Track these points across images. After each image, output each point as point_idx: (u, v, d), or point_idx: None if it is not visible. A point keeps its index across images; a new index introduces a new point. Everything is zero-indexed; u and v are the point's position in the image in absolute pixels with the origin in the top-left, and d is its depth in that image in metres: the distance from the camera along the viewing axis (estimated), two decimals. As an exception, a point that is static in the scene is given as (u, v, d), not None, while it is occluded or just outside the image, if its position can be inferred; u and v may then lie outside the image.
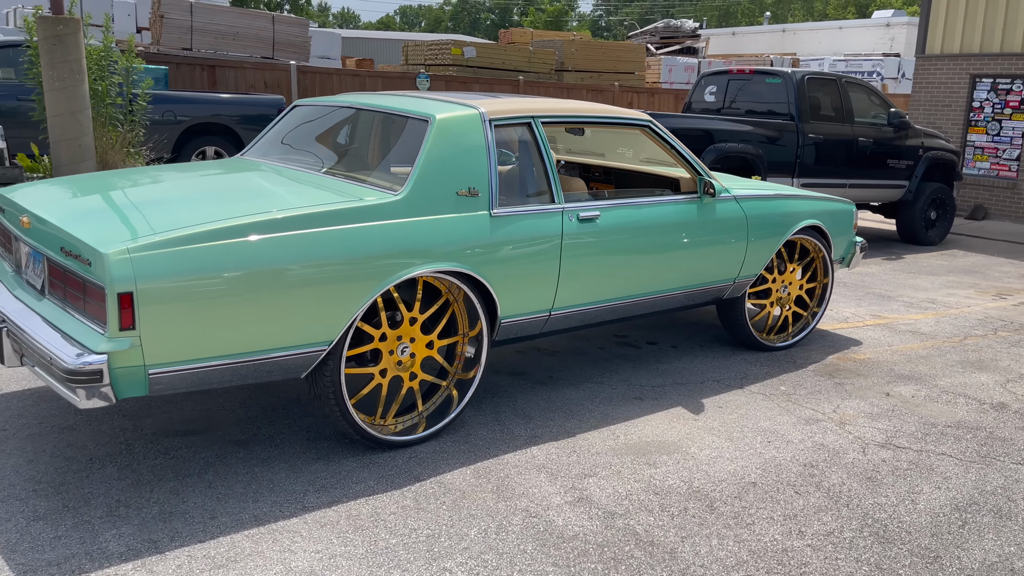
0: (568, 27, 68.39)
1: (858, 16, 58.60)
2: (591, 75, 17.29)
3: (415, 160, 3.64)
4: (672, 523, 3.16)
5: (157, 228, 2.98)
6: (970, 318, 6.63)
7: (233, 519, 3.03)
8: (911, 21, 31.87)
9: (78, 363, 2.77)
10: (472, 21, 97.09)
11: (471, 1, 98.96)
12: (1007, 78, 11.83)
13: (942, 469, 3.76)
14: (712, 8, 65.26)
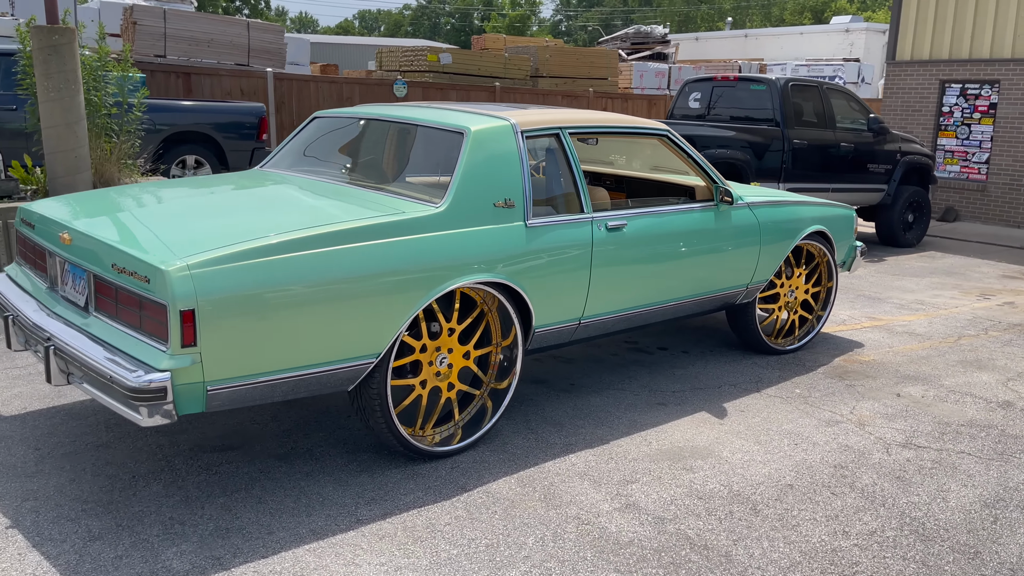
0: (530, 32, 68.65)
1: (815, 22, 59.73)
2: (565, 81, 17.41)
3: (453, 172, 3.66)
4: (721, 527, 3.23)
5: (212, 244, 2.97)
6: (960, 319, 6.82)
7: (291, 534, 3.03)
8: (870, 27, 32.60)
9: (142, 381, 2.75)
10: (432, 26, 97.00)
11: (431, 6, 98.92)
12: (976, 83, 12.18)
13: (965, 467, 3.88)
14: (672, 13, 65.98)
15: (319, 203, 3.58)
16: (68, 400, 4.18)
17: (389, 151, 4.22)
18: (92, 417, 3.98)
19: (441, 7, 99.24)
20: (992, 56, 11.94)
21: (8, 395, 4.21)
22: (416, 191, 3.72)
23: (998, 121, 12.00)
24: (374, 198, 3.66)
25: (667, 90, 20.10)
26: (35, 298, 3.57)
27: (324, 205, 3.53)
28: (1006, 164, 12.01)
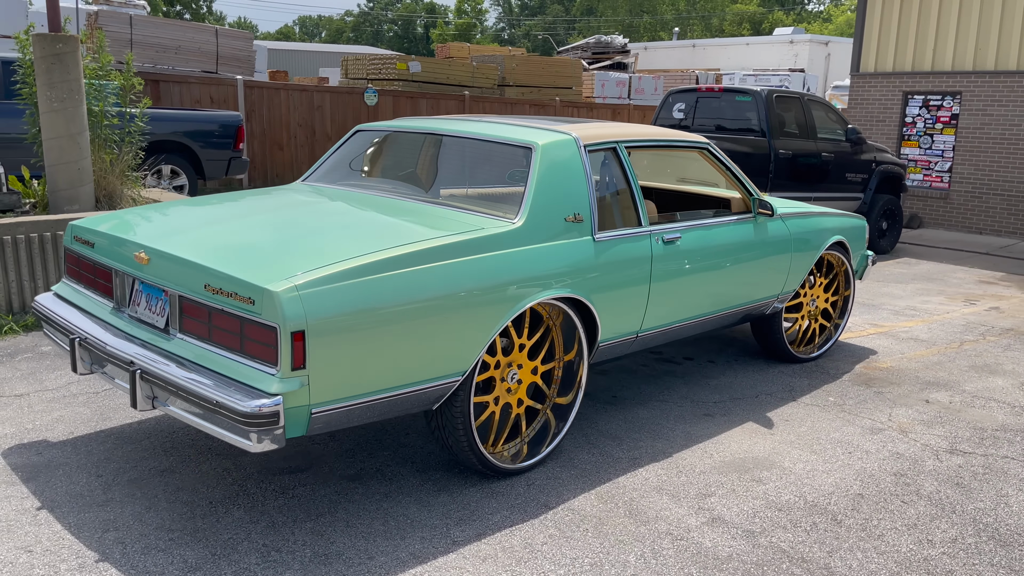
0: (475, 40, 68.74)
1: (753, 33, 61.15)
2: (531, 90, 17.48)
3: (524, 187, 3.65)
4: (809, 538, 3.27)
5: (312, 264, 2.90)
6: (955, 324, 7.04)
7: (391, 558, 2.98)
8: (813, 39, 33.52)
9: (254, 406, 2.67)
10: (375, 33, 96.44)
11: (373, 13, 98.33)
12: (938, 95, 12.61)
13: (1015, 472, 4.01)
14: (616, 23, 66.79)
15: (397, 220, 3.53)
16: (114, 423, 4.03)
17: (451, 166, 4.18)
18: (145, 441, 3.85)
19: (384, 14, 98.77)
20: (954, 68, 12.38)
21: (49, 420, 4.04)
22: (488, 207, 3.70)
23: (959, 131, 12.45)
24: (447, 215, 3.62)
25: (628, 99, 20.33)
26: (99, 319, 3.44)
27: (403, 223, 3.48)
28: (968, 173, 12.46)
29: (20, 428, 3.92)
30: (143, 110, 6.60)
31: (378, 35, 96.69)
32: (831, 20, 64.25)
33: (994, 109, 12.06)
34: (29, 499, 3.26)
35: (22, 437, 3.83)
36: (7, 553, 2.89)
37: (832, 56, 33.16)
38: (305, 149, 14.34)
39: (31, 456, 3.64)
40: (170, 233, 3.31)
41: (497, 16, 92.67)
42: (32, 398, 4.30)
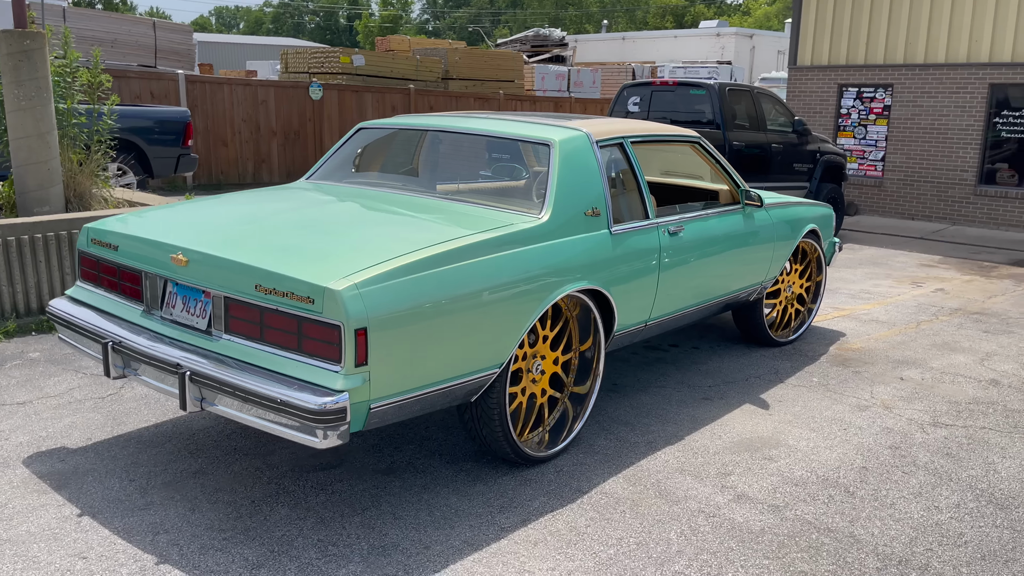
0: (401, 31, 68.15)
1: (676, 25, 62.30)
2: (475, 83, 17.54)
3: (547, 183, 3.75)
4: (830, 510, 3.48)
5: (364, 261, 2.95)
6: (908, 305, 7.44)
7: (446, 547, 3.06)
8: (739, 31, 34.38)
9: (322, 403, 2.72)
10: (295, 24, 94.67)
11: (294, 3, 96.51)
12: (871, 87, 13.17)
13: (995, 441, 4.31)
14: (542, 15, 67.13)
15: (429, 218, 3.59)
16: (131, 427, 3.98)
17: (467, 163, 4.25)
18: (168, 444, 3.82)
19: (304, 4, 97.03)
20: (886, 62, 12.95)
21: (62, 426, 3.97)
22: (512, 204, 3.79)
23: (892, 122, 13.04)
24: (474, 211, 3.70)
25: (567, 92, 20.57)
26: (128, 322, 3.41)
27: (436, 220, 3.55)
28: (900, 161, 13.06)
29: (34, 436, 3.85)
30: (112, 107, 6.44)
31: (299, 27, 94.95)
32: (750, 13, 65.91)
33: (924, 100, 12.67)
34: (67, 506, 3.23)
35: (39, 445, 3.77)
36: (62, 561, 2.87)
37: (757, 48, 34.09)
38: (250, 145, 14.11)
39: (54, 464, 3.59)
40: (205, 234, 3.30)
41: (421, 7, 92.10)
42: (37, 405, 4.21)
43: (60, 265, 5.49)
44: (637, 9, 67.21)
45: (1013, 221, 12.14)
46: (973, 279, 8.84)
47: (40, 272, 5.42)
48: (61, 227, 5.48)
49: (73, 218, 5.55)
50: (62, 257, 5.49)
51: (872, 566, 3.06)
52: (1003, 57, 11.89)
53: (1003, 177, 12.27)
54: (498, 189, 3.99)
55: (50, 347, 5.13)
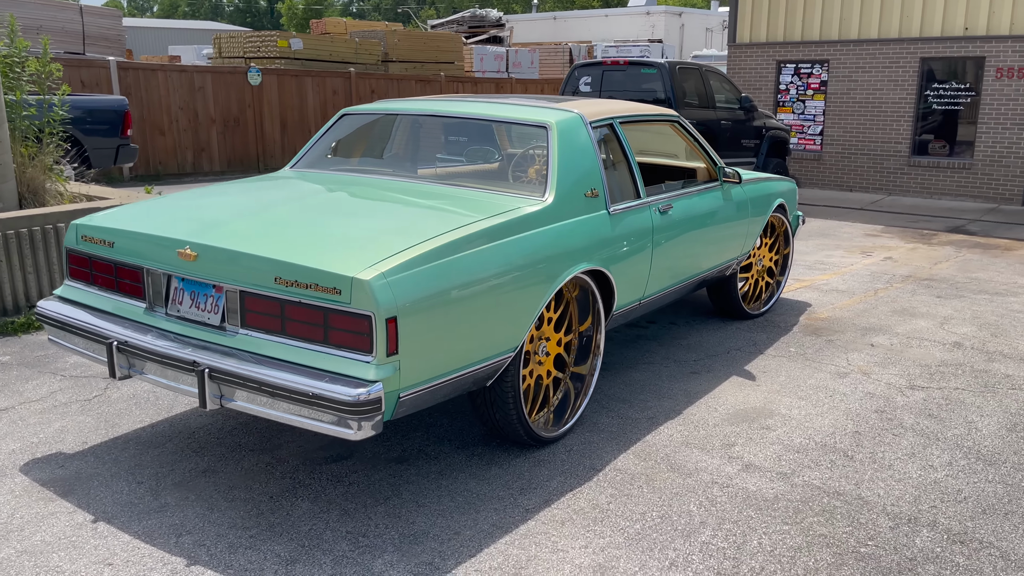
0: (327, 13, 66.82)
1: (603, 5, 62.60)
2: (415, 65, 17.36)
3: (547, 166, 3.76)
4: (835, 474, 3.61)
5: (385, 250, 2.92)
6: (862, 274, 7.69)
7: (476, 531, 3.07)
8: (668, 10, 34.72)
9: (356, 395, 2.69)
10: (213, 7, 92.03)
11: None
12: (808, 63, 13.50)
13: (970, 401, 4.52)
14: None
15: (435, 204, 3.56)
16: (125, 429, 3.87)
17: (462, 148, 4.22)
18: (169, 444, 3.73)
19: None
20: (822, 38, 13.28)
21: (52, 431, 3.84)
22: (513, 187, 3.79)
23: (829, 97, 13.40)
24: (478, 196, 3.68)
25: (506, 73, 20.52)
26: (130, 320, 3.30)
27: (443, 206, 3.52)
28: (837, 135, 13.45)
29: (25, 443, 3.71)
30: (62, 97, 6.18)
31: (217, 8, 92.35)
32: (675, -10, 66.53)
33: (859, 75, 13.05)
34: (78, 513, 3.13)
35: (33, 452, 3.63)
36: (86, 569, 2.78)
37: (686, 27, 34.52)
38: (188, 134, 13.71)
39: (54, 470, 3.47)
40: (211, 227, 3.21)
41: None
42: (21, 411, 4.05)
43: (22, 264, 5.27)
44: (563, -12, 67.20)
45: (944, 190, 12.63)
46: (917, 247, 9.19)
47: (1, 272, 5.19)
48: (21, 224, 5.26)
49: (33, 214, 5.33)
50: (23, 256, 5.27)
51: (885, 525, 3.19)
52: (933, 32, 12.32)
53: (934, 148, 12.74)
54: (494, 172, 3.98)
55: (19, 349, 4.93)
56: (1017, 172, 11.99)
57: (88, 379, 4.49)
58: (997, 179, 12.15)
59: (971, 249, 9.07)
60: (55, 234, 5.39)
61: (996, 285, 7.35)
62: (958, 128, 12.47)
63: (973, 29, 12.00)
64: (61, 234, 5.41)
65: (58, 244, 5.41)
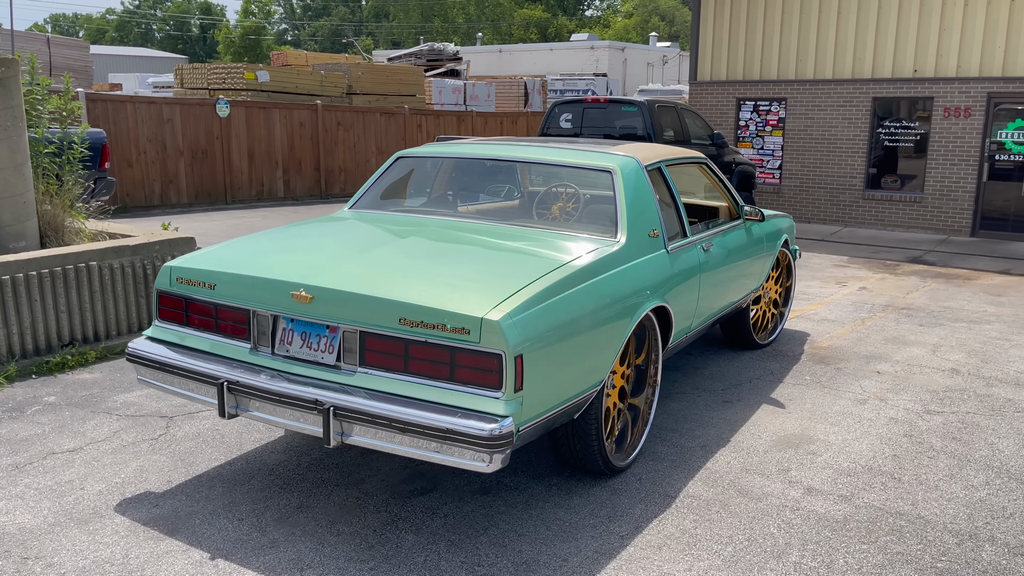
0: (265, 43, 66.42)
1: (541, 38, 63.79)
2: (378, 97, 17.50)
3: (615, 208, 3.98)
4: (888, 495, 3.87)
5: (502, 291, 3.09)
6: (845, 304, 8.11)
7: (583, 558, 3.23)
8: (611, 45, 35.65)
9: (491, 429, 2.83)
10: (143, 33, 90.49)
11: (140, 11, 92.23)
12: (766, 100, 14.13)
13: (985, 425, 4.87)
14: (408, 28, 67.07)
15: (520, 244, 3.73)
16: (204, 468, 3.91)
17: (526, 190, 4.40)
18: (253, 481, 3.79)
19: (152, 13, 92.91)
20: (779, 77, 13.93)
21: (132, 471, 3.85)
22: (585, 229, 3.99)
23: (787, 133, 14.03)
24: (554, 238, 3.87)
25: (464, 106, 20.81)
26: (236, 360, 3.38)
27: (529, 246, 3.70)
28: (795, 170, 14.06)
29: (110, 483, 3.72)
30: (82, 135, 6.16)
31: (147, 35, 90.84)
32: (610, 26, 68.25)
33: (815, 113, 13.71)
34: (192, 551, 3.18)
35: (121, 492, 3.65)
36: (223, 605, 2.85)
37: (628, 61, 35.48)
38: (156, 165, 13.57)
39: (149, 510, 3.50)
40: (321, 270, 3.32)
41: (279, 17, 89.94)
42: (91, 451, 4.05)
43: (55, 304, 5.24)
44: (502, 21, 68.24)
45: (897, 222, 13.32)
46: (885, 277, 9.70)
47: (35, 312, 5.15)
48: (55, 263, 5.23)
49: (67, 253, 5.31)
50: (56, 295, 5.24)
51: (951, 542, 3.46)
52: (884, 73, 13.06)
53: (887, 182, 13.44)
54: (561, 215, 4.18)
55: (62, 389, 4.90)
56: (964, 205, 12.74)
57: (144, 418, 4.50)
58: (946, 211, 12.88)
59: (935, 279, 9.62)
60: (87, 273, 5.37)
61: (968, 313, 7.84)
62: (909, 163, 13.19)
63: (922, 71, 12.76)
64: (93, 272, 5.40)
65: (90, 282, 5.39)
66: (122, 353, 5.59)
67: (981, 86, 12.34)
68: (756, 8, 13.94)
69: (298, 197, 15.72)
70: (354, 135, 16.40)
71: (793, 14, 13.64)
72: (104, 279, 5.47)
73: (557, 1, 72.34)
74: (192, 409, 4.64)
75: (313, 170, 15.84)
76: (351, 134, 16.34)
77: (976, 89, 12.38)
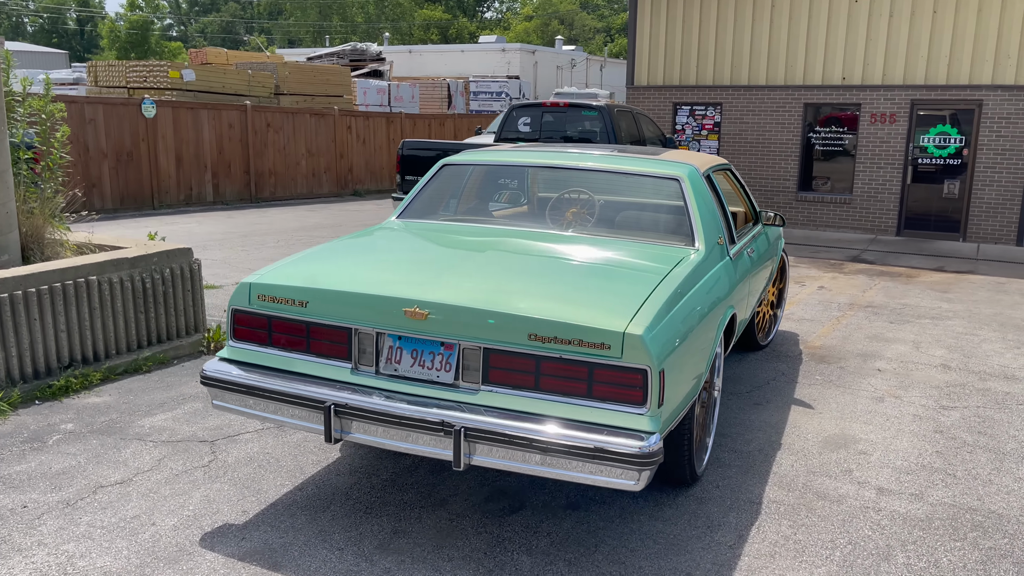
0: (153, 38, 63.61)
1: (442, 39, 63.56)
2: (306, 98, 17.02)
3: (688, 217, 3.98)
4: (953, 491, 4.01)
5: (629, 304, 3.03)
6: (813, 304, 8.40)
7: (705, 571, 3.20)
8: (523, 47, 35.83)
9: (642, 447, 2.77)
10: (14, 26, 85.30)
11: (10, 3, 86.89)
12: (702, 105, 14.49)
13: (998, 418, 5.12)
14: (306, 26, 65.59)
15: (611, 254, 3.67)
16: (275, 495, 3.68)
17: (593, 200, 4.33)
18: (333, 507, 3.59)
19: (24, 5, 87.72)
20: (714, 83, 14.31)
21: (198, 502, 3.58)
22: (661, 237, 3.97)
23: (722, 137, 14.42)
24: (636, 246, 3.84)
25: (388, 107, 20.50)
26: (337, 381, 3.19)
27: (620, 256, 3.65)
28: (730, 172, 14.48)
29: (181, 518, 3.45)
30: (62, 139, 5.72)
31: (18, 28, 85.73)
32: (510, 28, 68.63)
33: (749, 118, 14.15)
34: (305, 587, 2.98)
35: (198, 525, 3.39)
36: (367, 644, 2.68)
37: (539, 64, 35.73)
38: (78, 168, 12.78)
39: (238, 543, 3.26)
40: (431, 286, 3.17)
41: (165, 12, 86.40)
42: (142, 483, 3.75)
43: (54, 323, 4.83)
44: (402, 21, 67.67)
45: (829, 222, 13.90)
46: (836, 276, 10.09)
47: (34, 332, 4.74)
48: (54, 279, 4.83)
49: (68, 267, 4.91)
50: (55, 313, 4.84)
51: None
52: (815, 80, 13.60)
53: (818, 185, 14.01)
54: (628, 224, 4.14)
55: (76, 415, 4.52)
56: (891, 206, 13.41)
57: (183, 444, 4.20)
58: (874, 212, 13.53)
59: (881, 277, 10.07)
60: (86, 288, 4.99)
61: (926, 310, 8.24)
62: (839, 166, 13.78)
63: (850, 79, 13.36)
64: (93, 288, 5.01)
65: (89, 299, 5.00)
66: (126, 374, 5.22)
67: (905, 93, 13.01)
68: (692, 14, 14.27)
69: (228, 201, 15.11)
70: (284, 137, 15.89)
71: (728, 21, 14.04)
72: (104, 295, 5.09)
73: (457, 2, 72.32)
74: (230, 432, 4.37)
75: (243, 173, 15.25)
76: (281, 136, 15.83)
77: (901, 96, 13.04)
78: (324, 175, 16.74)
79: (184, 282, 5.60)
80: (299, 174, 16.26)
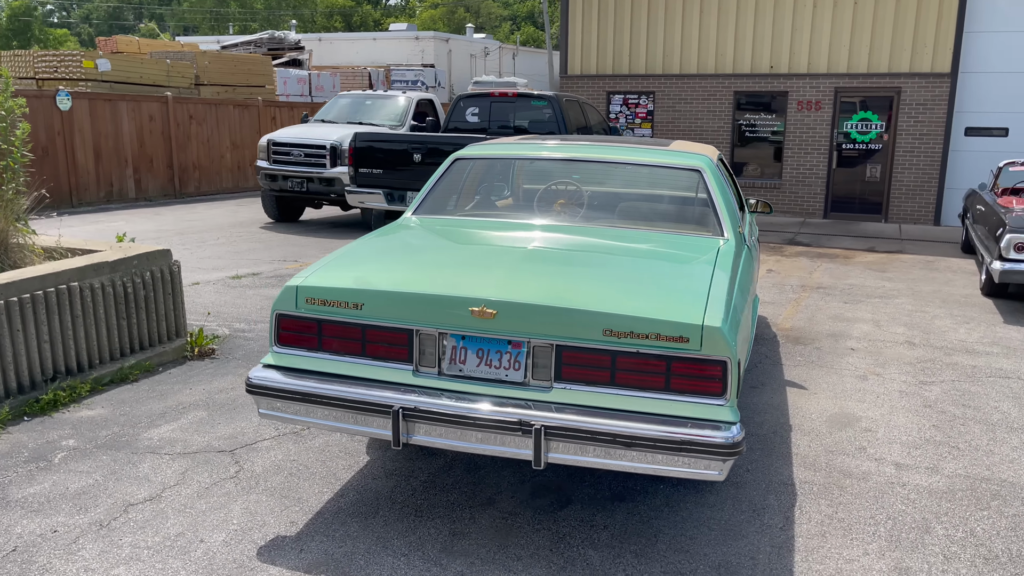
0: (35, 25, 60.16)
1: (346, 27, 62.35)
2: (227, 89, 16.43)
3: (712, 208, 4.04)
4: (963, 463, 4.21)
5: (697, 296, 3.05)
6: (768, 286, 8.66)
7: (766, 555, 3.28)
8: (436, 35, 35.50)
9: (728, 437, 2.80)
10: None
11: None
12: (635, 94, 14.70)
13: (975, 391, 5.40)
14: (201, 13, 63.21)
15: (655, 248, 3.69)
16: (316, 503, 3.56)
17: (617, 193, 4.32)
18: (381, 512, 3.50)
19: None
20: (647, 72, 14.53)
21: (240, 516, 3.43)
22: (688, 228, 4.01)
23: (655, 125, 14.67)
24: (666, 237, 3.86)
25: (309, 97, 20.00)
26: (400, 384, 3.10)
27: (664, 249, 3.66)
28: (663, 159, 14.75)
29: (228, 533, 3.30)
30: (23, 137, 5.35)
31: None
32: (415, 15, 67.89)
33: (681, 106, 14.43)
34: (384, 597, 2.90)
35: (249, 539, 3.25)
36: (468, 651, 2.63)
37: (453, 52, 35.50)
38: (-8, 165, 11.97)
39: (297, 556, 3.14)
40: (496, 284, 3.11)
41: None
42: (173, 499, 3.56)
43: (37, 334, 4.53)
44: (304, 8, 66.07)
45: (759, 207, 14.33)
46: (780, 259, 10.43)
47: (17, 344, 4.44)
48: (34, 286, 4.53)
49: (48, 273, 4.60)
50: (39, 324, 4.53)
51: (1046, 500, 3.83)
52: (744, 69, 13.97)
53: (749, 171, 14.42)
54: (652, 216, 4.17)
55: (72, 430, 4.26)
56: (818, 190, 13.93)
57: (202, 455, 4.02)
58: (803, 196, 14.03)
59: (820, 259, 10.47)
60: (68, 295, 4.69)
61: (872, 289, 8.61)
62: (768, 152, 14.22)
63: (777, 67, 13.78)
64: (75, 295, 4.72)
65: (71, 306, 4.71)
66: (113, 383, 4.94)
67: (829, 81, 13.52)
68: (623, 3, 14.44)
69: (151, 197, 14.47)
70: (207, 129, 15.31)
71: (659, 10, 14.26)
72: (86, 301, 4.80)
73: (359, -11, 70.97)
74: (246, 440, 4.20)
75: (166, 168, 14.63)
76: (204, 128, 15.25)
77: (825, 84, 13.55)
78: (250, 168, 16.22)
79: (165, 285, 5.34)
80: (224, 168, 15.71)
